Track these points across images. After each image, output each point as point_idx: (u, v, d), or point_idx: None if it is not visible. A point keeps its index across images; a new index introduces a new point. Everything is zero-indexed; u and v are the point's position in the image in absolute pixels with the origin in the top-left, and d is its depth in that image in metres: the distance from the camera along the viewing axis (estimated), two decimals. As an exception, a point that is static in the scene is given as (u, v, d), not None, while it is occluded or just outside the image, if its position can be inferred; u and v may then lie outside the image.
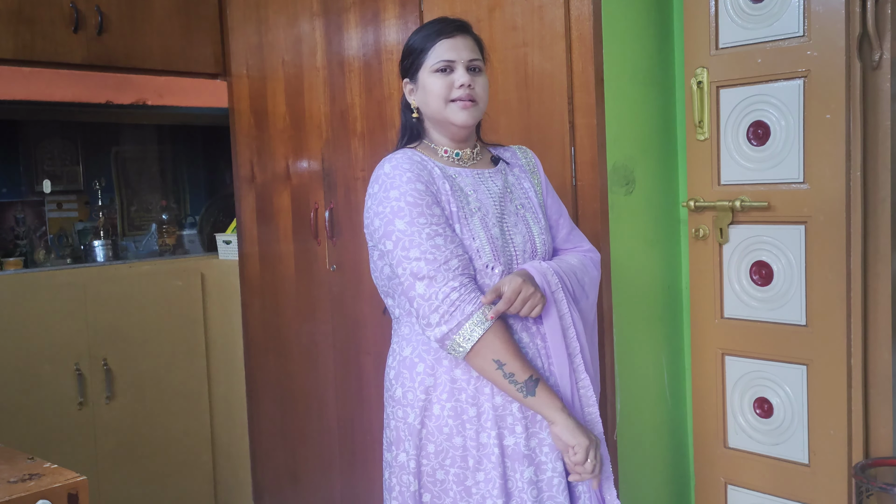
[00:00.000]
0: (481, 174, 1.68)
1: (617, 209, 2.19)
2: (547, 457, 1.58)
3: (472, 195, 1.63)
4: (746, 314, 2.22)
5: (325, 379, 2.89)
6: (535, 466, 1.58)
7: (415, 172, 1.58)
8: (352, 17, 2.67)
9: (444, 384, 1.59)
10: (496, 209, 1.64)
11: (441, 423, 1.59)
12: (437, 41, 1.63)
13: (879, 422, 2.08)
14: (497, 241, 1.60)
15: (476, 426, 1.58)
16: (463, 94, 1.61)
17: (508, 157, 1.78)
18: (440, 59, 1.62)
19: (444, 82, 1.62)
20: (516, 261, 1.62)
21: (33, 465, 1.57)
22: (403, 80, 1.72)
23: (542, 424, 1.58)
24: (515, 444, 1.57)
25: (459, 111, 1.62)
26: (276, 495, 3.18)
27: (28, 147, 3.52)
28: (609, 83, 2.13)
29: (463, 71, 1.62)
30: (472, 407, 1.58)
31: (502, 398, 1.57)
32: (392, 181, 1.57)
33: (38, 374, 2.90)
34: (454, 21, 1.68)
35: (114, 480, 3.06)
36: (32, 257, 3.35)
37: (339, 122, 2.74)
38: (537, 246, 1.66)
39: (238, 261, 3.25)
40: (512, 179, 1.72)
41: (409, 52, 1.68)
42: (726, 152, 2.21)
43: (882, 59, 1.99)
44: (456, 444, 1.59)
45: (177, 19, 3.11)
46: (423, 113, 1.69)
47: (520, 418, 1.57)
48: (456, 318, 1.50)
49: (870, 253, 2.06)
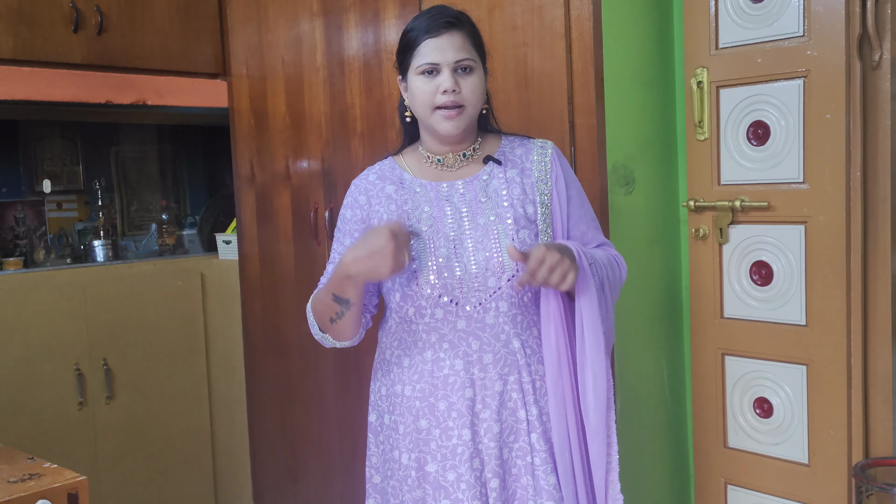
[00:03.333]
0: (451, 186, 1.60)
1: (617, 209, 2.19)
2: (464, 494, 1.53)
3: (426, 212, 1.59)
4: (746, 314, 2.22)
5: (325, 379, 2.89)
6: (451, 501, 1.54)
7: (353, 197, 1.66)
8: (352, 17, 2.67)
9: (389, 396, 1.66)
10: (453, 226, 1.57)
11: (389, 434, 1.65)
12: (424, 40, 1.53)
13: (879, 422, 2.08)
14: (443, 266, 1.55)
15: (400, 445, 1.62)
16: (447, 100, 1.52)
17: (520, 154, 1.65)
18: (424, 62, 1.53)
19: (429, 86, 1.53)
20: (472, 282, 1.55)
21: (33, 465, 1.58)
22: (398, 78, 1.64)
23: (461, 458, 1.55)
24: (436, 472, 1.57)
25: (443, 121, 1.54)
26: (276, 495, 3.18)
27: (28, 147, 3.52)
28: (609, 83, 2.13)
29: (448, 74, 1.52)
30: (401, 424, 1.62)
31: (426, 422, 1.58)
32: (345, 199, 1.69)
33: (38, 374, 2.90)
34: (444, 15, 1.55)
35: (114, 480, 3.07)
36: (32, 257, 3.35)
37: (339, 122, 2.74)
38: (504, 262, 1.54)
39: (238, 261, 3.25)
40: (496, 184, 1.60)
41: (401, 49, 1.59)
42: (726, 152, 2.21)
43: (882, 59, 1.99)
44: (393, 458, 1.64)
45: (177, 19, 3.11)
46: (415, 117, 1.62)
47: (440, 446, 1.57)
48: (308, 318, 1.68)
49: (870, 253, 2.06)
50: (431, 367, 1.58)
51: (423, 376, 1.58)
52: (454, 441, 1.54)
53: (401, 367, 1.62)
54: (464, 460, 1.53)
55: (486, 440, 1.54)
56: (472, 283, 1.55)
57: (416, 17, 1.59)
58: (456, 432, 1.54)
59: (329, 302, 1.57)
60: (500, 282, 1.55)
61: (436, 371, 1.57)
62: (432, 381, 1.57)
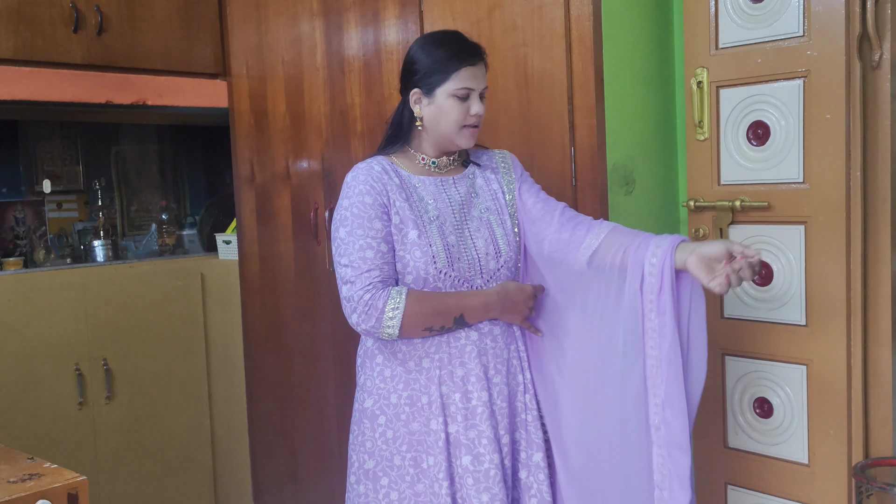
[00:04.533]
0: (445, 182, 1.81)
1: (617, 209, 2.19)
2: (485, 448, 1.72)
3: (431, 204, 1.77)
4: (746, 314, 2.22)
5: (325, 379, 2.89)
6: (473, 456, 1.72)
7: (368, 185, 1.72)
8: (352, 17, 2.67)
9: (399, 374, 1.77)
10: (456, 216, 1.78)
11: (399, 411, 1.77)
12: (462, 67, 1.71)
13: (879, 422, 2.08)
14: (453, 248, 1.74)
15: (427, 413, 1.75)
16: (476, 121, 1.75)
17: (486, 160, 1.89)
18: (462, 86, 1.72)
19: (461, 108, 1.73)
20: (477, 264, 1.77)
21: (33, 465, 1.58)
22: (413, 91, 1.76)
23: (481, 417, 1.73)
24: (457, 433, 1.73)
25: (468, 137, 1.76)
26: (276, 495, 3.18)
27: (28, 147, 3.52)
28: (609, 83, 2.13)
29: (478, 100, 1.74)
30: (423, 395, 1.76)
31: (447, 388, 1.74)
32: (348, 190, 1.74)
33: (38, 374, 2.90)
34: (475, 46, 1.76)
35: (114, 480, 3.07)
36: (32, 257, 3.35)
37: (339, 122, 2.74)
38: (500, 247, 1.79)
39: (238, 261, 3.25)
40: (480, 182, 1.84)
41: (430, 66, 1.73)
42: (726, 152, 2.21)
43: (882, 59, 1.99)
44: (412, 430, 1.76)
45: (177, 19, 3.11)
46: (426, 126, 1.77)
47: (461, 408, 1.73)
48: (373, 315, 1.66)
49: (870, 253, 2.06)
50: (448, 339, 1.76)
51: (440, 347, 1.76)
52: (474, 402, 1.74)
53: (411, 344, 1.76)
54: (483, 419, 1.73)
55: (499, 401, 1.77)
56: (477, 265, 1.76)
57: (438, 42, 1.75)
58: (476, 395, 1.74)
59: (449, 318, 1.71)
60: (498, 263, 1.79)
61: (452, 342, 1.76)
62: (450, 351, 1.75)
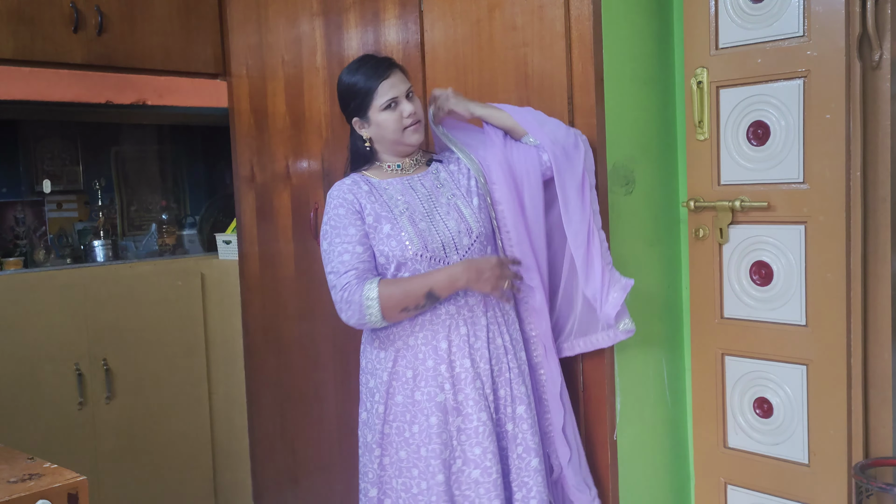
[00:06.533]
0: (412, 180, 2.02)
1: (617, 209, 2.19)
2: (472, 409, 1.92)
3: (400, 199, 1.97)
4: (746, 314, 2.23)
5: (325, 379, 2.89)
6: (463, 417, 1.92)
7: (340, 198, 1.96)
8: (352, 16, 2.67)
9: (391, 354, 1.97)
10: (424, 206, 1.97)
11: (388, 388, 1.97)
12: (379, 83, 1.93)
13: (879, 422, 2.08)
14: (425, 232, 1.93)
15: (412, 385, 1.94)
16: (412, 120, 1.96)
17: (448, 154, 2.11)
18: (386, 99, 1.94)
19: (395, 116, 1.95)
20: (451, 242, 1.95)
21: (33, 465, 1.58)
22: (353, 119, 1.99)
23: (465, 381, 1.92)
24: (445, 400, 1.92)
25: (412, 134, 1.98)
26: (276, 495, 3.18)
27: (28, 147, 3.52)
28: (609, 83, 2.13)
29: (406, 102, 1.95)
30: (409, 370, 1.95)
31: (433, 361, 1.93)
32: (328, 206, 1.97)
33: (38, 374, 2.90)
34: (384, 60, 1.97)
35: (114, 480, 3.07)
36: (32, 257, 3.35)
37: (339, 122, 2.74)
38: (471, 224, 1.98)
39: (238, 261, 3.25)
40: (445, 175, 2.05)
41: (355, 95, 1.96)
42: (726, 152, 2.21)
43: (882, 59, 1.99)
44: (397, 402, 1.96)
45: (177, 19, 3.11)
46: (376, 141, 2.01)
47: (447, 377, 1.92)
48: (354, 309, 1.87)
49: (870, 253, 2.06)
50: (430, 316, 1.94)
51: (423, 325, 1.95)
52: (457, 370, 1.94)
53: (399, 325, 1.95)
54: (468, 383, 1.93)
55: (482, 364, 1.95)
56: (450, 243, 1.95)
57: (353, 71, 1.97)
58: (458, 363, 1.94)
59: (419, 295, 1.87)
60: (471, 239, 1.97)
61: (434, 319, 1.94)
62: (433, 328, 1.94)
